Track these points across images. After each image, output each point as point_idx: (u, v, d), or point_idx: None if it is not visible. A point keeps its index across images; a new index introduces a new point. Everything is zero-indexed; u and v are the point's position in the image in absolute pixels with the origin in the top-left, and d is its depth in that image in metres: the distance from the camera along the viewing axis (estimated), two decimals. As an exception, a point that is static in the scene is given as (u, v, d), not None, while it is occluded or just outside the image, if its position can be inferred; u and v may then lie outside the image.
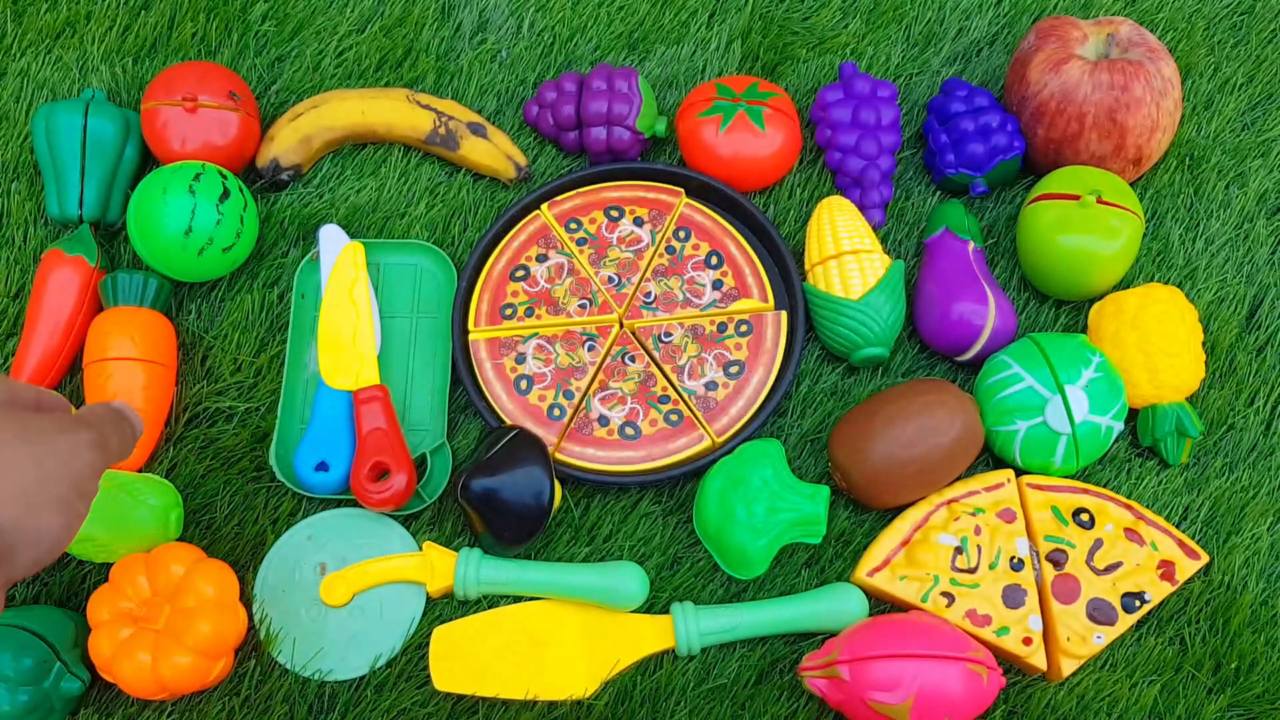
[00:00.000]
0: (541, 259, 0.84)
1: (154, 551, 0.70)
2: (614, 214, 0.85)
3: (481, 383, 0.80)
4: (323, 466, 0.76)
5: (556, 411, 0.79)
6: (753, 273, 0.83)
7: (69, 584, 0.75)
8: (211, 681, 0.70)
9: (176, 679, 0.67)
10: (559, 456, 0.78)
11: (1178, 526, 0.78)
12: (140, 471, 0.78)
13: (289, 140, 0.85)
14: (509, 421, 0.78)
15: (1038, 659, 0.72)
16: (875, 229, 0.86)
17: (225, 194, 0.80)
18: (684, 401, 0.79)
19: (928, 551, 0.74)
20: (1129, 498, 0.79)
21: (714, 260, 0.84)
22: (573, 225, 0.85)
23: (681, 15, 0.94)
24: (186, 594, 0.69)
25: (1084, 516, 0.75)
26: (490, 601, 0.75)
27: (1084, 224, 0.79)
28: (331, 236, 0.83)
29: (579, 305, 0.82)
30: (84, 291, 0.80)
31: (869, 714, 0.67)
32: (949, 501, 0.76)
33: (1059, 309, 0.85)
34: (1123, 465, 0.80)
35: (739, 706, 0.73)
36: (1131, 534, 0.75)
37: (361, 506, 0.75)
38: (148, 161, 0.87)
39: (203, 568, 0.70)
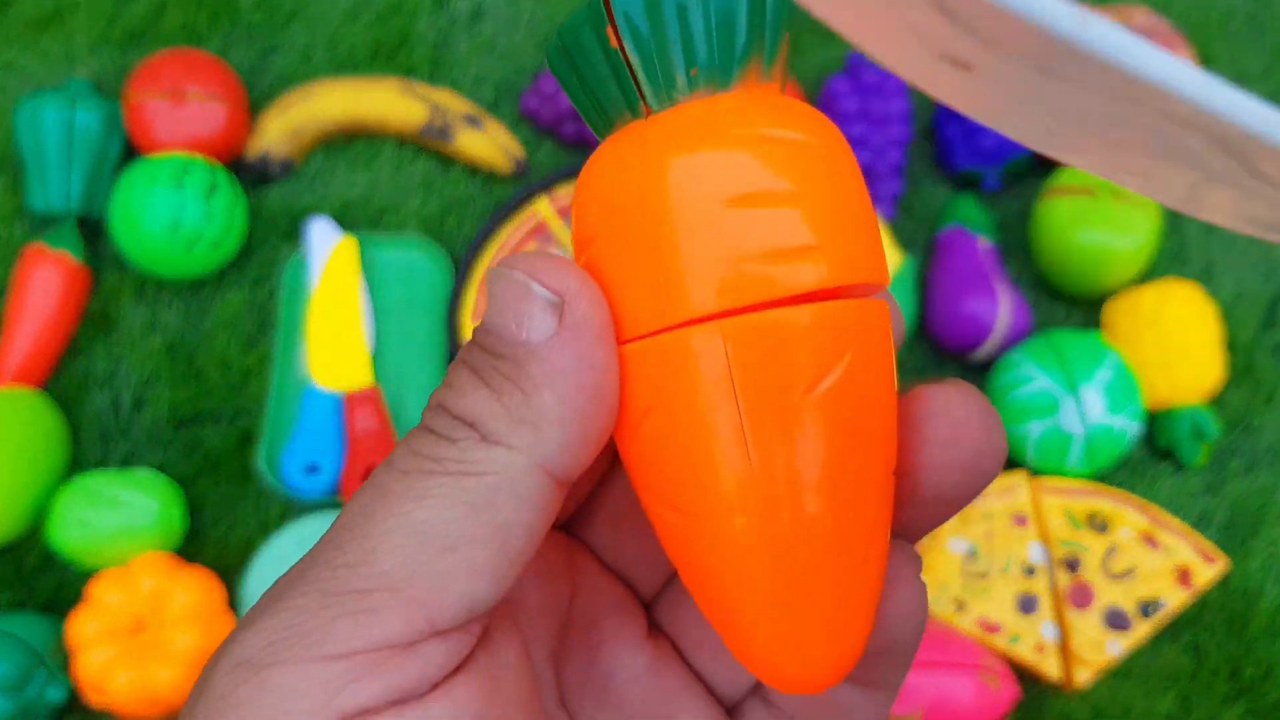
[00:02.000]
0: (539, 254, 0.82)
1: (131, 564, 0.69)
2: (614, 208, 0.83)
3: (478, 382, 0.78)
4: (313, 469, 0.74)
5: (555, 412, 0.77)
6: (757, 269, 0.81)
7: (53, 590, 0.73)
8: None
9: (171, 692, 0.65)
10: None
11: (1195, 530, 0.77)
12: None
13: (279, 132, 0.83)
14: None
15: (1051, 667, 0.70)
16: (884, 223, 0.84)
17: (214, 188, 0.78)
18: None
19: (938, 557, 0.72)
20: (1145, 501, 0.77)
21: (717, 256, 0.82)
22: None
23: (683, 4, 0.92)
24: (170, 604, 0.67)
25: (1099, 520, 0.74)
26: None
27: (1099, 219, 0.77)
28: (323, 231, 0.81)
29: (578, 302, 0.81)
30: (68, 288, 0.78)
31: (878, 726, 0.65)
32: (960, 505, 0.74)
33: (1073, 306, 0.83)
34: (1138, 467, 0.78)
35: (743, 716, 0.71)
36: (1148, 538, 0.73)
37: (354, 510, 0.74)
38: (135, 154, 0.85)
39: (184, 575, 0.68)
